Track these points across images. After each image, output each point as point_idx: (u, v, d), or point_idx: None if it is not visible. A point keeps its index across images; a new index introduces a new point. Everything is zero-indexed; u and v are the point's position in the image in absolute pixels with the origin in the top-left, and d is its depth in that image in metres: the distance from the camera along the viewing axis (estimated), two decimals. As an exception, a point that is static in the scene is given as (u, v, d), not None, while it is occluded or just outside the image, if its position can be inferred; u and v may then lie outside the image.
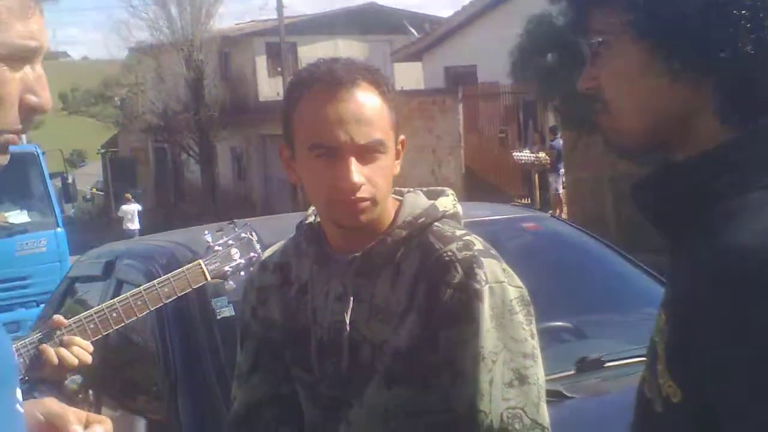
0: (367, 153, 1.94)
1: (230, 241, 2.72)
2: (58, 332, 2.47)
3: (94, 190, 40.14)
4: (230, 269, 2.68)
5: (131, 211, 24.77)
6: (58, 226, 11.87)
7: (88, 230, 25.54)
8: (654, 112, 1.38)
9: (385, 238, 2.00)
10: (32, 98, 1.39)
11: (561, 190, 19.09)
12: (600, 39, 1.41)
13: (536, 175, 19.91)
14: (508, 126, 22.54)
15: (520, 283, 1.99)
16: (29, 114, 1.40)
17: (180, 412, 2.97)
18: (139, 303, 2.59)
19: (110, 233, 23.61)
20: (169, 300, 2.65)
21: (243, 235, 2.73)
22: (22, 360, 2.43)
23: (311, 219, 2.15)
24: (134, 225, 24.21)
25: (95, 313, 2.54)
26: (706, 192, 1.32)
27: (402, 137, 2.03)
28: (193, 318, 3.17)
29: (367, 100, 1.95)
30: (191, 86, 30.45)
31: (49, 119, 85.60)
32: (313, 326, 2.08)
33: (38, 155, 12.21)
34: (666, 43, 1.32)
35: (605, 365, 3.14)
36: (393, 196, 2.09)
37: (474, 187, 21.72)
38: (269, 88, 30.40)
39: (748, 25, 1.28)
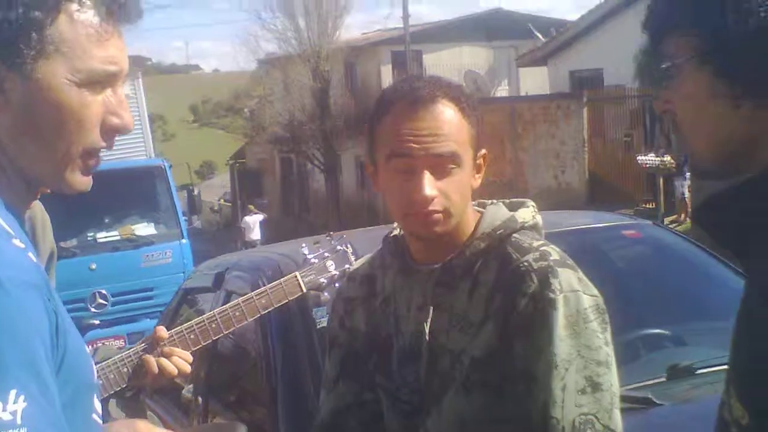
0: (441, 166, 1.98)
1: (326, 254, 2.79)
2: (161, 343, 2.57)
3: (222, 201, 40.99)
4: (325, 281, 2.75)
5: (253, 222, 25.21)
6: (183, 237, 12.06)
7: (213, 241, 26.12)
8: (720, 135, 1.40)
9: (464, 250, 2.05)
10: (114, 120, 1.48)
11: (687, 195, 18.69)
12: (671, 63, 1.43)
13: (661, 180, 19.52)
14: (634, 130, 22.15)
15: (595, 292, 2.01)
16: (111, 134, 1.50)
17: (279, 418, 3.05)
18: (237, 314, 2.69)
19: (235, 244, 24.11)
20: (266, 311, 2.74)
21: (338, 247, 2.80)
22: (126, 369, 2.54)
23: (396, 232, 2.22)
24: (256, 236, 24.62)
25: (196, 324, 2.64)
26: (760, 215, 1.33)
27: (483, 151, 2.07)
28: (294, 327, 3.25)
29: (443, 115, 2.00)
30: (317, 97, 30.84)
31: (180, 131, 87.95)
32: (395, 335, 2.14)
33: (165, 169, 12.49)
34: (728, 69, 1.35)
35: (697, 372, 3.07)
36: (475, 207, 2.14)
37: (598, 192, 21.45)
38: (393, 97, 30.57)
39: None
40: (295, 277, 2.74)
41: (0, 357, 1.25)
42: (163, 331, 2.60)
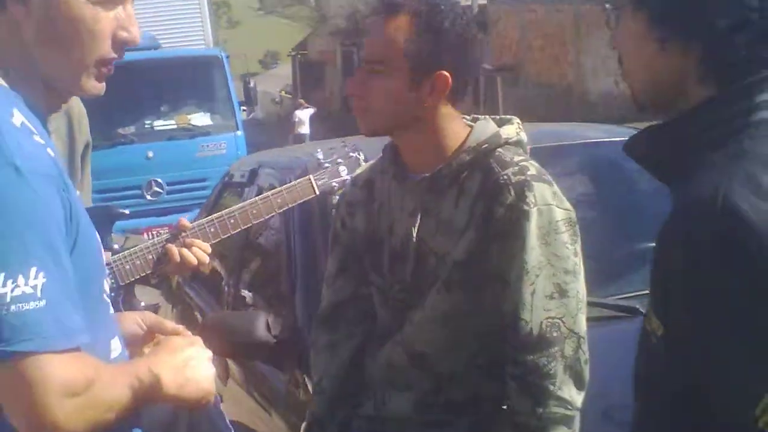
0: (368, 68, 2.24)
1: (339, 159, 2.99)
2: (183, 234, 2.80)
3: (283, 92, 41.05)
4: (337, 184, 2.95)
5: (304, 116, 25.32)
6: (237, 129, 12.13)
7: (270, 133, 26.33)
8: (650, 75, 1.59)
9: (451, 161, 2.25)
10: (123, 33, 1.70)
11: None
12: (614, 7, 1.63)
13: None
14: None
15: (568, 206, 2.21)
16: (121, 45, 1.71)
17: (296, 307, 3.29)
18: (254, 211, 2.90)
19: (287, 137, 24.27)
20: (281, 210, 2.95)
21: (351, 154, 2.99)
22: (151, 257, 2.78)
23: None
24: (305, 130, 24.72)
25: (216, 218, 2.86)
26: (687, 146, 1.52)
27: (441, 73, 2.22)
28: (314, 224, 3.46)
29: (387, 25, 2.22)
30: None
31: (245, 19, 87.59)
32: (388, 237, 2.35)
33: (222, 59, 12.58)
34: (658, 14, 1.53)
35: None
36: (468, 122, 2.33)
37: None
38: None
39: (722, 4, 1.48)
40: (309, 179, 2.94)
41: (21, 238, 1.47)
42: (186, 223, 2.83)
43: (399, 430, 2.36)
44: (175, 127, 12.18)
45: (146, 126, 12.19)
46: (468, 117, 2.37)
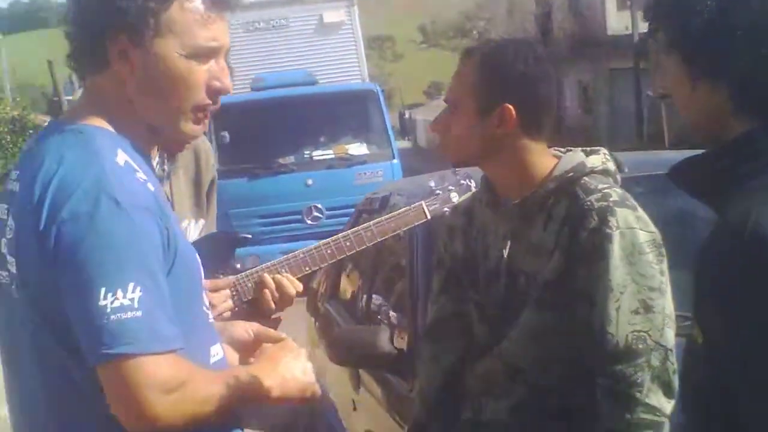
0: (447, 107, 2.54)
1: (450, 186, 3.22)
2: (292, 259, 3.04)
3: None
4: (448, 210, 3.17)
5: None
6: (393, 157, 12.56)
7: (431, 159, 26.64)
8: (691, 112, 1.75)
9: (539, 189, 2.46)
10: (216, 83, 1.98)
11: None
12: (660, 51, 1.81)
13: None
14: None
15: (653, 230, 2.39)
16: (215, 94, 1.98)
17: (416, 321, 3.51)
18: (368, 234, 3.15)
19: (446, 164, 24.48)
20: (394, 233, 3.20)
21: (462, 181, 3.21)
22: (250, 284, 2.98)
23: None
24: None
25: (332, 241, 3.12)
26: (727, 176, 1.66)
27: (507, 106, 2.43)
28: (436, 242, 3.70)
29: (465, 69, 2.50)
30: (539, 21, 30.73)
31: (408, 51, 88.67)
32: (483, 259, 2.58)
33: (377, 93, 13.13)
34: (686, 57, 1.70)
35: None
36: (555, 153, 2.54)
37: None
38: (618, 21, 30.06)
39: (747, 43, 1.62)
40: (421, 205, 3.18)
41: (122, 260, 1.75)
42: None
43: (496, 432, 2.56)
44: (333, 156, 12.70)
45: (305, 156, 12.74)
46: (562, 150, 2.58)
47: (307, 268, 3.09)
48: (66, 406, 1.87)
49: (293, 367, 2.07)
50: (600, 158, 2.52)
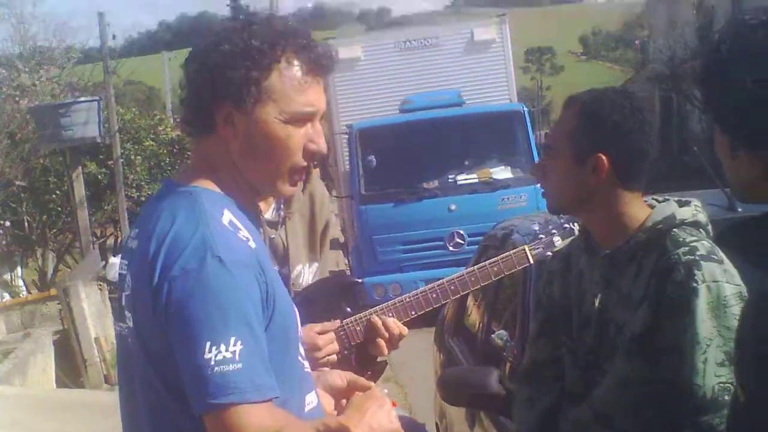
0: (545, 152, 2.67)
1: (553, 230, 3.31)
2: (398, 303, 3.18)
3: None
4: (551, 253, 3.27)
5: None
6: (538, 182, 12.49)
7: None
8: (734, 179, 1.85)
9: (630, 240, 2.56)
10: (312, 146, 2.17)
11: None
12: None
13: None
14: None
15: (739, 282, 2.44)
16: (311, 156, 2.17)
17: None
18: (472, 279, 3.27)
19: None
20: (497, 278, 3.31)
21: (566, 225, 3.30)
22: (359, 328, 3.13)
23: None
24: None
25: (437, 285, 3.24)
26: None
27: (599, 155, 2.53)
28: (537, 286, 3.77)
29: (565, 116, 2.63)
30: (700, 33, 30.00)
31: (568, 63, 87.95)
32: (577, 305, 2.69)
33: (524, 113, 13.07)
34: (725, 128, 1.82)
35: None
36: (650, 202, 2.63)
37: None
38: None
39: None
40: (524, 249, 3.28)
41: (225, 315, 1.93)
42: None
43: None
44: (476, 180, 12.73)
45: (449, 180, 12.83)
46: (659, 198, 2.65)
47: (413, 312, 3.21)
48: None
49: (380, 416, 2.21)
50: (691, 210, 2.58)
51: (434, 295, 3.23)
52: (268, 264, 2.13)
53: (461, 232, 12.24)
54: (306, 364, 2.23)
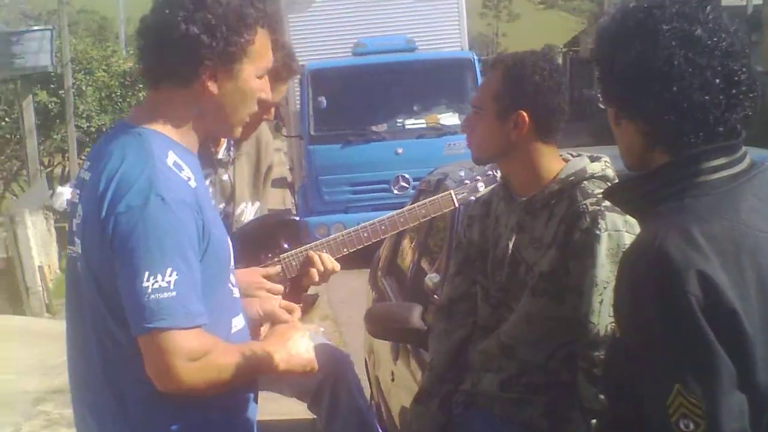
0: (473, 111, 2.88)
1: (478, 177, 3.52)
2: (333, 240, 3.40)
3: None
4: (474, 198, 3.47)
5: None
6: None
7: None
8: (620, 144, 2.09)
9: (544, 189, 2.81)
10: (264, 95, 2.42)
11: None
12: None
13: None
14: None
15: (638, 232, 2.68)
16: (263, 104, 2.46)
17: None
18: (401, 220, 3.47)
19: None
20: (424, 219, 3.53)
21: (489, 172, 3.50)
22: (295, 263, 3.36)
23: None
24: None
25: (369, 225, 3.44)
26: (648, 199, 2.00)
27: (521, 112, 2.77)
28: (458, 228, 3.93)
29: (490, 78, 2.86)
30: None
31: (526, 12, 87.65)
32: (493, 247, 2.94)
33: (473, 61, 13.22)
34: (607, 99, 2.05)
35: None
36: (564, 156, 2.88)
37: None
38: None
39: (654, 89, 1.94)
40: (450, 194, 3.49)
41: (163, 248, 2.14)
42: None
43: (488, 404, 2.91)
44: (424, 125, 12.91)
45: (398, 124, 13.03)
46: (573, 153, 2.89)
47: (345, 250, 3.42)
48: (113, 362, 2.28)
49: (299, 344, 2.45)
50: (601, 165, 2.82)
51: (365, 234, 3.43)
52: (207, 201, 2.34)
53: (406, 175, 12.40)
54: (235, 290, 2.44)
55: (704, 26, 1.93)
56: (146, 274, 2.12)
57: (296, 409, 4.27)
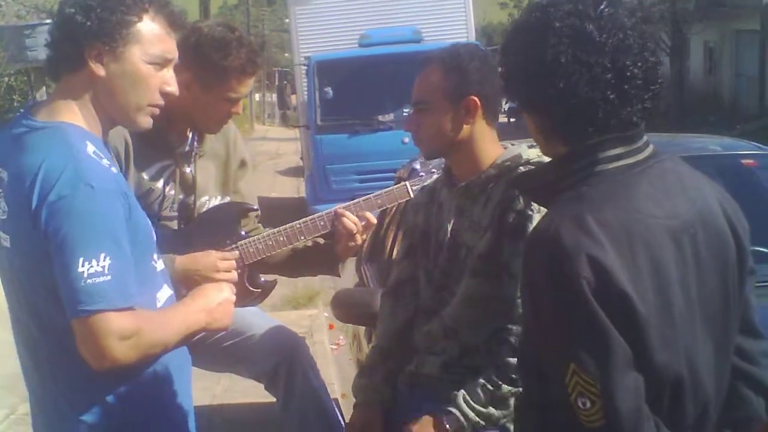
0: (416, 108, 2.94)
1: (433, 168, 3.61)
2: (290, 227, 3.50)
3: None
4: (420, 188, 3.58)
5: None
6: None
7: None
8: (533, 137, 2.18)
9: (482, 174, 2.92)
10: (166, 87, 2.50)
11: None
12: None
13: None
14: None
15: None
16: (165, 95, 2.49)
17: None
18: (357, 208, 3.56)
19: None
20: (381, 209, 3.63)
21: (443, 164, 3.62)
22: (261, 246, 3.48)
23: None
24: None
25: (325, 214, 3.50)
26: (550, 188, 2.10)
27: (471, 97, 2.86)
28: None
29: (427, 74, 2.92)
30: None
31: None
32: (435, 232, 3.06)
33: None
34: (507, 93, 2.18)
35: None
36: (504, 144, 3.00)
37: None
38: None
39: (542, 83, 2.03)
40: (405, 185, 3.58)
41: (95, 234, 2.24)
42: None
43: (430, 385, 3.03)
44: (433, 114, 12.91)
45: (404, 114, 12.99)
46: (514, 142, 3.02)
47: (302, 237, 3.52)
48: (56, 346, 2.41)
49: (215, 296, 2.56)
50: (536, 152, 2.91)
51: (321, 223, 3.52)
52: (126, 186, 2.46)
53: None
54: (158, 265, 2.54)
55: (596, 22, 1.98)
56: (81, 260, 2.20)
57: (258, 392, 4.39)
